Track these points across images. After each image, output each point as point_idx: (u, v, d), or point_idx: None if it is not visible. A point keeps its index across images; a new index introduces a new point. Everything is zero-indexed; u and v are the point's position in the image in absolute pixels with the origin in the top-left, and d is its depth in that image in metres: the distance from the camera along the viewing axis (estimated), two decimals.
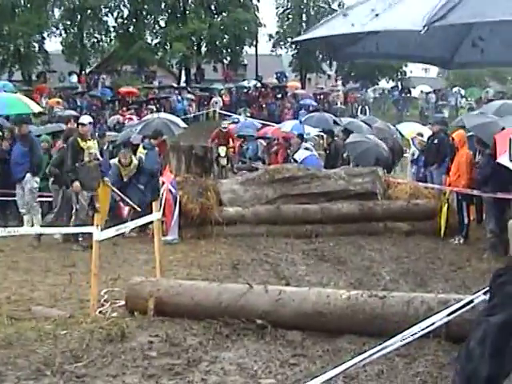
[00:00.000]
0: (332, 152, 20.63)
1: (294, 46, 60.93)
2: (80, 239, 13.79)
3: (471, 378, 1.32)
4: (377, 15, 3.38)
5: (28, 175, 15.44)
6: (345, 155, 20.14)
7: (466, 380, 1.33)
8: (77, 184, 14.17)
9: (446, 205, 14.69)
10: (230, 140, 25.39)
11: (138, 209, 14.83)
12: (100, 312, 8.89)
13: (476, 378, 1.28)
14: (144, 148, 17.12)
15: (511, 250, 2.01)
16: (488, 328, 1.31)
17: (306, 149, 20.64)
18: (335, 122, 24.90)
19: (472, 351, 1.33)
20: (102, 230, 9.02)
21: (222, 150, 23.18)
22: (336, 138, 21.14)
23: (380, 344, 5.65)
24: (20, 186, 15.54)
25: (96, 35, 61.53)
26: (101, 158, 15.21)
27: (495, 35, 4.07)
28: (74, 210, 14.42)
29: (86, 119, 15.95)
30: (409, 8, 3.31)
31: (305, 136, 23.64)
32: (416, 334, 5.32)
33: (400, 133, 23.16)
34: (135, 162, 16.02)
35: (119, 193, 15.30)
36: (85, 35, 60.53)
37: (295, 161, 19.66)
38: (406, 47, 4.20)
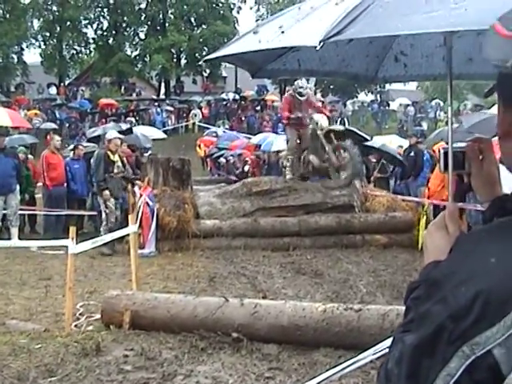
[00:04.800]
0: None
1: None
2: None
3: None
4: (283, 32, 3.42)
5: (18, 187, 15.84)
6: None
7: None
8: (106, 192, 15.32)
9: (425, 217, 14.73)
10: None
11: None
12: (75, 326, 8.86)
13: None
14: None
15: (425, 260, 2.00)
16: (403, 349, 1.34)
17: None
18: None
19: (390, 372, 1.36)
20: (77, 243, 9.00)
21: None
22: None
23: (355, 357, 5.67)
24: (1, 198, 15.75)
25: (75, 47, 61.50)
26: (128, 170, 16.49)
27: (416, 49, 4.15)
28: (103, 216, 15.45)
29: (113, 134, 16.56)
30: (313, 24, 3.34)
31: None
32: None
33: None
34: None
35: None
36: (64, 47, 60.43)
37: None
38: (328, 64, 4.21)
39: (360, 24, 3.17)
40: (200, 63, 58.28)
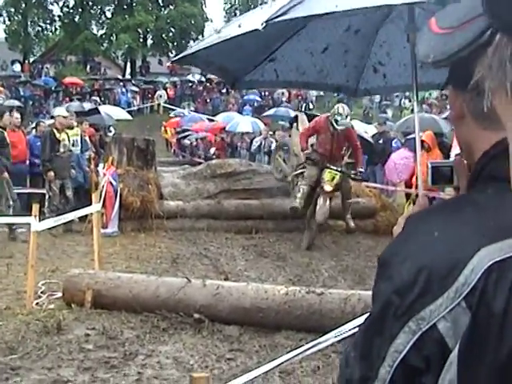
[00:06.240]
0: None
1: None
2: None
3: (348, 381, 1.37)
4: (239, 26, 3.50)
5: None
6: None
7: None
8: (51, 173, 14.98)
9: (411, 205, 14.59)
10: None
11: None
12: (37, 304, 8.81)
13: (352, 381, 1.33)
14: None
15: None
16: (358, 333, 1.38)
17: None
18: None
19: (348, 355, 1.39)
20: (40, 221, 8.95)
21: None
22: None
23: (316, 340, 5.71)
24: None
25: (41, 24, 60.91)
26: (72, 148, 16.01)
27: (393, 58, 4.20)
28: (47, 197, 15.16)
29: (61, 111, 16.40)
30: (264, 12, 3.43)
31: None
32: (351, 330, 5.37)
33: None
34: None
35: None
36: (29, 23, 59.81)
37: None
38: (306, 74, 4.26)
39: (302, 5, 3.27)
40: (167, 44, 58.15)
